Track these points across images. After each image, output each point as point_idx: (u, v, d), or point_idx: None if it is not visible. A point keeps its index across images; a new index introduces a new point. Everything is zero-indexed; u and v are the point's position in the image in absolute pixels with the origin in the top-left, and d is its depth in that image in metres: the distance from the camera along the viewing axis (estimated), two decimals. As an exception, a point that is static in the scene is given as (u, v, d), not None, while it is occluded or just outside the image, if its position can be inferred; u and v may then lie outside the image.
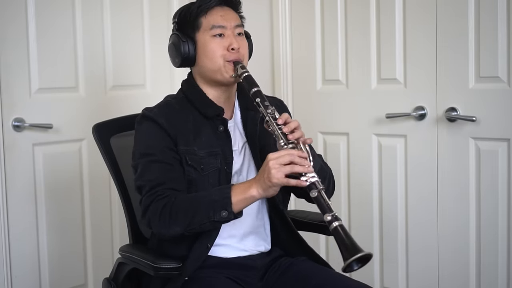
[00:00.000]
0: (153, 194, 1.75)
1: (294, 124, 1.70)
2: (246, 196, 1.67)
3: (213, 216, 1.68)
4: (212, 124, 1.85)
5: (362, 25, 2.75)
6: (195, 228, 1.71)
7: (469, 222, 2.54)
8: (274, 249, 1.93)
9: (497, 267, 2.48)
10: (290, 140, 1.68)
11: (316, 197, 1.61)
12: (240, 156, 1.87)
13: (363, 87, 2.78)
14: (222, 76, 1.83)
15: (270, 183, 1.63)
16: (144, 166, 1.79)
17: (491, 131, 2.45)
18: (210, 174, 1.80)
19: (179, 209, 1.71)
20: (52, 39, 2.70)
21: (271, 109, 1.72)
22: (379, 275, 2.81)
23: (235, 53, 1.82)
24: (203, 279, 1.77)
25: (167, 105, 1.87)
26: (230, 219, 1.69)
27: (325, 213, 1.59)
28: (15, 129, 2.61)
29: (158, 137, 1.80)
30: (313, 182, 1.62)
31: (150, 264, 1.76)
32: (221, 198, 1.68)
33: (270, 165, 1.62)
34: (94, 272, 2.87)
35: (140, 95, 2.96)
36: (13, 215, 2.61)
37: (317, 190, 1.61)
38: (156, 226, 1.74)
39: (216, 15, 1.84)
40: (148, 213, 1.75)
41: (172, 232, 1.72)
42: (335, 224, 1.58)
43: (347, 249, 1.55)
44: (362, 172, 2.82)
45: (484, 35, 2.43)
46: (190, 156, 1.80)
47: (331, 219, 1.58)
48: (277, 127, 1.69)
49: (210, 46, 1.82)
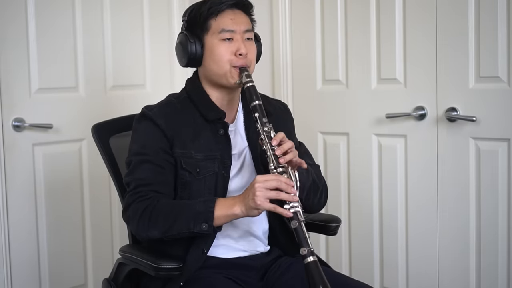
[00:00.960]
0: (136, 193, 1.76)
1: (288, 146, 1.68)
2: (229, 213, 1.68)
3: (193, 227, 1.68)
4: (213, 127, 1.84)
5: (362, 25, 2.75)
6: (173, 234, 1.72)
7: (469, 222, 2.54)
8: (273, 249, 1.93)
9: (497, 267, 2.48)
10: (281, 164, 1.67)
11: (296, 229, 1.62)
12: (239, 160, 1.87)
13: (363, 87, 2.78)
14: (227, 81, 1.81)
15: (253, 205, 1.64)
16: (135, 164, 1.79)
17: (491, 131, 2.45)
18: (207, 177, 1.79)
19: (159, 213, 1.72)
20: (52, 39, 2.70)
21: (268, 127, 1.71)
22: (379, 275, 2.81)
23: (242, 58, 1.80)
24: (203, 279, 1.77)
25: (168, 105, 1.86)
26: (209, 232, 1.70)
27: (301, 246, 1.61)
28: (15, 129, 2.61)
29: (155, 137, 1.79)
30: (295, 212, 1.63)
31: (150, 264, 1.76)
32: (204, 211, 1.69)
33: (256, 187, 1.62)
34: (94, 272, 2.87)
35: (140, 95, 2.96)
36: (13, 215, 2.61)
37: (297, 221, 1.62)
38: (135, 226, 1.75)
39: (226, 18, 1.81)
40: (129, 212, 1.76)
41: (149, 235, 1.74)
42: (309, 259, 1.60)
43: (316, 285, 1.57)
44: (362, 172, 2.82)
45: (484, 35, 2.43)
46: (185, 160, 1.79)
47: (306, 253, 1.60)
48: (270, 148, 1.68)
49: (217, 50, 1.80)
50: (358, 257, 2.87)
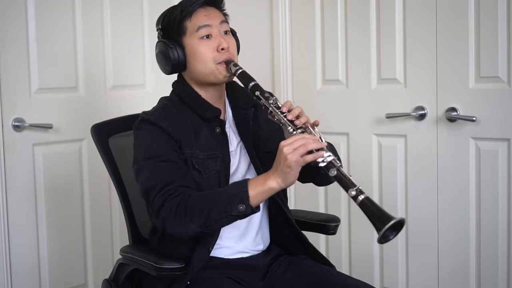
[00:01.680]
0: (165, 193, 1.70)
1: (298, 110, 1.68)
2: (264, 189, 1.64)
3: (230, 210, 1.64)
4: (209, 125, 1.83)
5: (362, 25, 2.75)
6: (211, 224, 1.67)
7: (469, 221, 2.54)
8: (273, 248, 1.93)
9: (497, 267, 2.48)
10: (298, 125, 1.66)
11: (336, 175, 1.58)
12: (236, 156, 1.87)
13: (363, 87, 2.78)
14: (216, 78, 1.82)
15: (288, 169, 1.60)
16: (151, 168, 1.75)
17: (491, 131, 2.45)
18: (210, 177, 1.79)
19: (194, 205, 1.67)
20: (52, 39, 2.70)
21: (273, 99, 1.72)
22: (379, 275, 2.81)
23: (225, 52, 1.80)
24: (207, 279, 1.77)
25: (165, 109, 1.85)
26: (247, 213, 1.65)
27: (348, 188, 1.56)
28: (15, 129, 2.60)
29: (162, 140, 1.77)
30: (330, 161, 1.59)
31: (153, 264, 1.75)
32: (238, 192, 1.65)
33: (285, 151, 1.60)
34: (94, 272, 2.87)
35: (140, 95, 2.96)
36: (13, 215, 2.61)
37: (335, 168, 1.59)
38: (172, 225, 1.69)
39: (200, 15, 1.82)
40: (162, 213, 1.70)
41: (188, 230, 1.68)
42: (361, 198, 1.54)
43: (379, 219, 1.51)
44: (362, 172, 2.82)
45: (484, 35, 2.43)
46: (195, 160, 1.78)
47: (355, 194, 1.55)
48: (282, 116, 1.68)
49: (199, 49, 1.80)
50: (358, 257, 2.87)
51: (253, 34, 3.07)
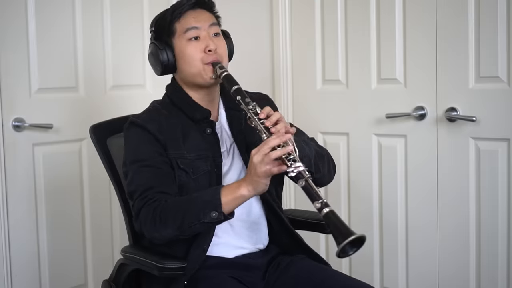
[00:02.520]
0: (144, 199, 1.75)
1: (276, 117, 1.68)
2: (236, 196, 1.66)
3: (203, 217, 1.67)
4: (200, 127, 1.85)
5: (362, 25, 2.75)
6: (186, 230, 1.70)
7: (469, 222, 2.54)
8: (271, 247, 1.93)
9: (497, 266, 2.48)
10: (273, 133, 1.65)
11: (304, 186, 1.59)
12: (229, 157, 1.88)
13: (363, 87, 2.78)
14: (203, 78, 1.83)
15: (257, 178, 1.62)
16: (135, 171, 1.79)
17: (491, 131, 2.45)
18: (200, 177, 1.80)
19: (169, 211, 1.71)
20: (52, 39, 2.70)
21: (252, 105, 1.71)
22: (379, 275, 2.81)
23: (212, 54, 1.82)
24: (207, 279, 1.77)
25: (154, 111, 1.88)
26: (220, 220, 1.68)
27: (314, 200, 1.57)
28: (15, 129, 2.61)
29: (148, 143, 1.80)
30: (300, 172, 1.60)
31: (154, 264, 1.75)
32: (210, 199, 1.67)
33: (254, 160, 1.61)
34: (94, 272, 2.87)
35: (140, 95, 2.96)
36: (13, 215, 2.61)
37: (303, 179, 1.59)
38: (148, 230, 1.74)
39: (189, 17, 1.84)
40: (140, 218, 1.75)
41: (165, 235, 1.72)
42: (325, 210, 1.56)
43: (341, 233, 1.53)
44: (362, 172, 2.82)
45: (484, 35, 2.43)
46: (181, 160, 1.80)
47: (321, 206, 1.56)
48: (259, 122, 1.68)
49: (187, 50, 1.82)
50: (358, 257, 2.86)
51: (253, 34, 3.07)
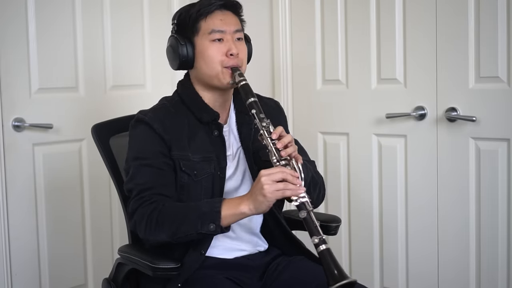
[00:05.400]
0: (141, 199, 1.75)
1: (288, 139, 1.68)
2: (236, 212, 1.67)
3: (201, 228, 1.67)
4: (207, 128, 1.84)
5: (362, 25, 2.75)
6: (181, 237, 1.70)
7: (469, 222, 2.54)
8: (271, 249, 1.93)
9: (497, 267, 2.48)
10: (283, 156, 1.66)
11: (305, 218, 1.61)
12: (234, 161, 1.87)
13: (363, 87, 2.78)
14: (220, 82, 1.82)
15: (263, 198, 1.62)
16: (135, 169, 1.79)
17: (491, 131, 2.45)
18: (204, 179, 1.79)
19: (166, 216, 1.71)
20: (52, 39, 2.70)
21: (266, 122, 1.71)
22: (379, 275, 2.81)
23: (233, 58, 1.80)
24: (203, 279, 1.77)
25: (162, 109, 1.85)
26: (217, 232, 1.68)
27: (313, 235, 1.59)
28: (15, 129, 2.61)
29: (152, 141, 1.79)
30: (303, 202, 1.62)
31: (148, 264, 1.75)
32: (210, 211, 1.67)
33: (263, 181, 1.61)
34: (94, 272, 2.87)
35: (140, 95, 2.96)
36: (13, 215, 2.61)
37: (306, 211, 1.61)
38: (142, 232, 1.74)
39: (216, 19, 1.81)
40: (135, 217, 1.75)
41: (158, 239, 1.73)
42: (322, 247, 1.58)
43: (333, 275, 1.54)
44: (362, 172, 2.82)
45: (484, 35, 2.43)
46: (184, 162, 1.79)
47: (318, 242, 1.58)
48: (270, 142, 1.68)
49: (208, 51, 1.80)
50: (358, 257, 2.87)
51: (253, 34, 3.06)
